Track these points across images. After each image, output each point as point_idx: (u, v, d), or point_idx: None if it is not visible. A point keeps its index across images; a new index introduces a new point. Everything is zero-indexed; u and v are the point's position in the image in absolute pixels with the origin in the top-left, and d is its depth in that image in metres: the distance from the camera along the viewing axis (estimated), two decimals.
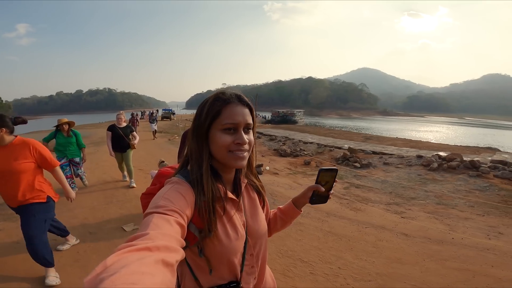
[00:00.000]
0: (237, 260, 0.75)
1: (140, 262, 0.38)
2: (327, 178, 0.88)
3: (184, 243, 0.53)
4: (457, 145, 17.66)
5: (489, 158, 7.55)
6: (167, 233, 0.50)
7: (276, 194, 5.07)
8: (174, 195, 0.64)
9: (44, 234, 2.15)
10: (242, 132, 0.72)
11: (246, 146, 0.73)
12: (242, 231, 0.77)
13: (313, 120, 66.56)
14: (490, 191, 5.10)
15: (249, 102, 0.76)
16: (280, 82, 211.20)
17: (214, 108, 0.71)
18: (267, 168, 7.61)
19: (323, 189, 0.88)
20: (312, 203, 0.90)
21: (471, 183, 5.62)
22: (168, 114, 35.06)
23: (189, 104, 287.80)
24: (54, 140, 4.46)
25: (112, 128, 4.98)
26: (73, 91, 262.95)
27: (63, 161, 4.45)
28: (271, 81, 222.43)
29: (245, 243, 0.77)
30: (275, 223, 0.99)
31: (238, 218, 0.77)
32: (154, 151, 10.14)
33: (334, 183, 0.90)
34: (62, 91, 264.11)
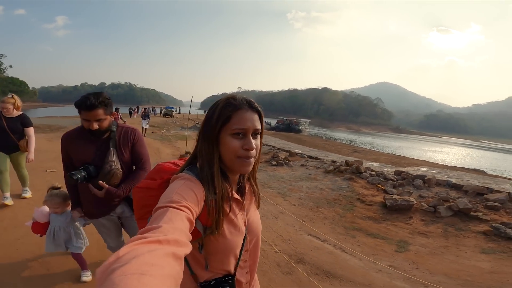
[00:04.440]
0: (234, 256, 0.81)
1: (150, 254, 0.40)
2: None
3: (191, 238, 0.56)
4: (443, 164, 17.90)
5: (395, 170, 8.16)
6: (178, 228, 0.53)
7: None
8: (187, 191, 0.66)
9: None
10: (251, 137, 0.75)
11: (253, 152, 0.76)
12: (243, 228, 0.82)
13: (320, 131, 66.73)
14: (338, 191, 5.83)
15: (258, 108, 0.79)
16: (295, 90, 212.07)
17: (225, 113, 0.74)
18: None
19: None
20: None
21: (336, 183, 6.35)
22: (169, 112, 37.17)
23: (204, 105, 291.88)
24: None
25: None
26: (96, 83, 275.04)
27: None
28: (286, 89, 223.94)
29: (244, 239, 0.83)
30: None
31: (241, 217, 0.83)
32: None
33: None
34: (86, 83, 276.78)
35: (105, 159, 1.65)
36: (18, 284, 2.11)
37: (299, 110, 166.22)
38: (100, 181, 1.61)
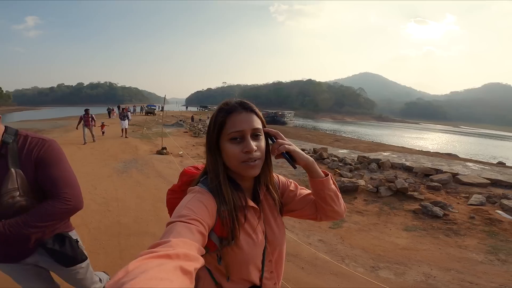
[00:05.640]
0: (256, 267, 0.78)
1: (159, 268, 0.40)
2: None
3: (204, 251, 0.57)
4: (418, 150, 18.64)
5: (359, 155, 8.58)
6: (188, 241, 0.53)
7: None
8: (196, 204, 0.66)
9: None
10: (250, 139, 0.72)
11: (257, 153, 0.72)
12: (262, 238, 0.79)
13: (305, 123, 67.47)
14: (299, 176, 6.17)
15: (254, 108, 0.75)
16: (280, 83, 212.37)
17: (218, 119, 0.73)
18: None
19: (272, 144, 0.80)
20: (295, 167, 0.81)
21: (299, 169, 6.62)
22: (151, 110, 36.73)
23: (188, 101, 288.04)
24: None
25: None
26: (74, 84, 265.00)
27: None
28: (271, 82, 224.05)
29: (264, 250, 0.80)
30: (319, 203, 0.88)
31: (258, 226, 0.79)
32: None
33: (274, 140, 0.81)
34: (63, 83, 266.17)
35: (3, 186, 1.05)
36: None
37: (284, 102, 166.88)
38: None
